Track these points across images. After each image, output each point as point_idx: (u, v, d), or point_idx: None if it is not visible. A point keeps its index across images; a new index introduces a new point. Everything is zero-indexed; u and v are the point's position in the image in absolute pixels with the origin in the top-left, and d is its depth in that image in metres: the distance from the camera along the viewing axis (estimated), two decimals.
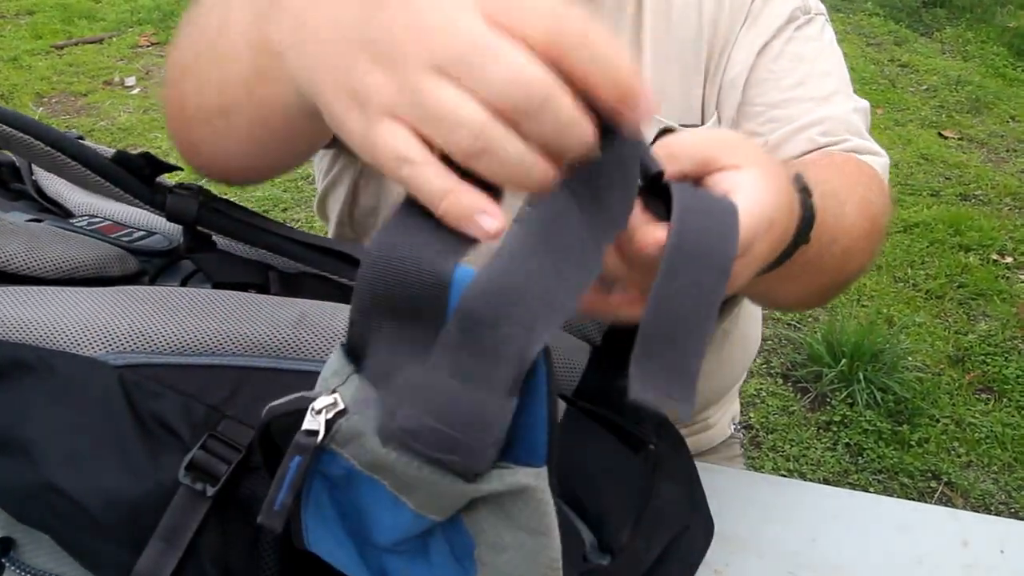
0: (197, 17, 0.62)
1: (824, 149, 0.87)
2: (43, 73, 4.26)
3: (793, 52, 0.92)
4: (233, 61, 0.56)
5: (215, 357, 0.63)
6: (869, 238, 0.75)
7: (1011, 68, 4.64)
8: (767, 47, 0.92)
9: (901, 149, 3.79)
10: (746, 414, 2.39)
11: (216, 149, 0.66)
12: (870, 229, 0.75)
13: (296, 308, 0.66)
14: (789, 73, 0.91)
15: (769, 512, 0.87)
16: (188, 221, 0.72)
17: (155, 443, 0.59)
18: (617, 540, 0.62)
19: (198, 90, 0.62)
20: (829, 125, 0.88)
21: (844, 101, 0.91)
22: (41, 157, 0.71)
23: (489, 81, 0.37)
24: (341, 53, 0.41)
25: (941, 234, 3.17)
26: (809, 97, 0.90)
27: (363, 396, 0.41)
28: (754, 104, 0.92)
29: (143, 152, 0.74)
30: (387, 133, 0.39)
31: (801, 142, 0.88)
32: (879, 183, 0.83)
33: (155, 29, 4.78)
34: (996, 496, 2.16)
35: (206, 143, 0.66)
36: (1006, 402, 2.45)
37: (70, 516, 0.58)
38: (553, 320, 0.38)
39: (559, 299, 0.39)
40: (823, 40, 0.95)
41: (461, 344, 0.38)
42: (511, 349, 0.37)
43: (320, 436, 0.40)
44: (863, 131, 0.90)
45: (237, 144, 0.63)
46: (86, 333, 0.63)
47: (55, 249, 0.71)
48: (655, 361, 0.43)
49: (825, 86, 0.91)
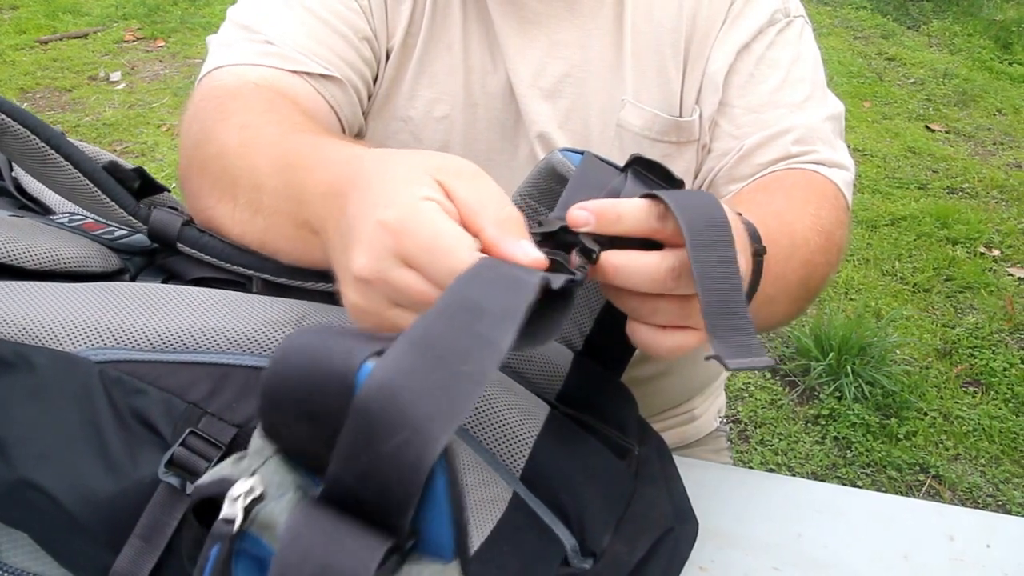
0: (221, 153, 0.72)
1: (789, 161, 0.90)
2: (27, 68, 4.23)
3: (772, 57, 0.94)
4: (276, 224, 0.67)
5: (197, 354, 0.62)
6: (825, 251, 0.80)
7: (998, 61, 4.66)
8: (747, 49, 0.94)
9: (888, 142, 3.80)
10: (734, 408, 2.39)
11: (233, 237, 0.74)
12: (824, 244, 0.80)
13: (295, 310, 0.66)
14: (767, 78, 0.94)
15: (754, 507, 0.87)
16: (169, 239, 0.72)
17: (135, 440, 0.58)
18: (599, 544, 0.62)
19: (240, 223, 0.71)
20: (802, 133, 0.91)
21: (817, 108, 0.94)
22: (33, 153, 0.70)
23: (437, 272, 0.48)
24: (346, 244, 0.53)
25: (928, 227, 3.17)
26: (785, 103, 0.93)
27: (280, 479, 0.40)
28: (732, 105, 0.94)
29: (137, 167, 0.74)
30: (358, 295, 0.52)
31: (775, 149, 0.91)
32: (833, 200, 0.87)
33: (140, 24, 4.75)
34: (983, 489, 2.16)
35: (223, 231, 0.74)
36: (993, 395, 2.45)
37: (47, 514, 0.57)
38: (451, 423, 0.36)
39: (458, 395, 0.37)
40: (801, 44, 0.96)
41: (352, 454, 0.37)
42: (406, 458, 0.36)
43: (237, 524, 0.39)
44: (833, 140, 0.94)
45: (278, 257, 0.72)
46: (66, 328, 0.62)
47: (37, 241, 0.70)
48: (728, 332, 0.51)
49: (800, 92, 0.94)
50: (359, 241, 0.50)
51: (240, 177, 0.69)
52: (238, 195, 0.69)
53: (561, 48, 0.94)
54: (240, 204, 0.69)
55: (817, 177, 0.89)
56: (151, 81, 4.16)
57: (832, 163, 0.91)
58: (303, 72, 0.85)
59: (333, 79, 0.87)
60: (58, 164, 0.70)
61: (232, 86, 0.81)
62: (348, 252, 0.52)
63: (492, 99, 0.96)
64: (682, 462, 0.87)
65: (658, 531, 0.69)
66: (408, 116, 0.96)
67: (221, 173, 0.71)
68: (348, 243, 0.52)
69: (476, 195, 0.51)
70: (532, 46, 0.94)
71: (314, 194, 0.60)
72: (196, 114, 0.79)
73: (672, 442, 1.14)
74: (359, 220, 0.51)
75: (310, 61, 0.85)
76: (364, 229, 0.50)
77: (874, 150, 3.71)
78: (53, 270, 0.69)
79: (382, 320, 0.51)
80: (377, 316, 0.51)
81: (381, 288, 0.50)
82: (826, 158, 0.91)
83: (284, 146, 0.68)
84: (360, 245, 0.50)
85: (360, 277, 0.50)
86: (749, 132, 0.93)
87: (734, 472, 0.96)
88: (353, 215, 0.52)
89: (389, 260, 0.49)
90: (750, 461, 2.22)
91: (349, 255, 0.51)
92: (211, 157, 0.73)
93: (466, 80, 0.95)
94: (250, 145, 0.70)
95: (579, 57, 0.94)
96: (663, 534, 0.69)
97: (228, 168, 0.70)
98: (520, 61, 0.94)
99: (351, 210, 0.53)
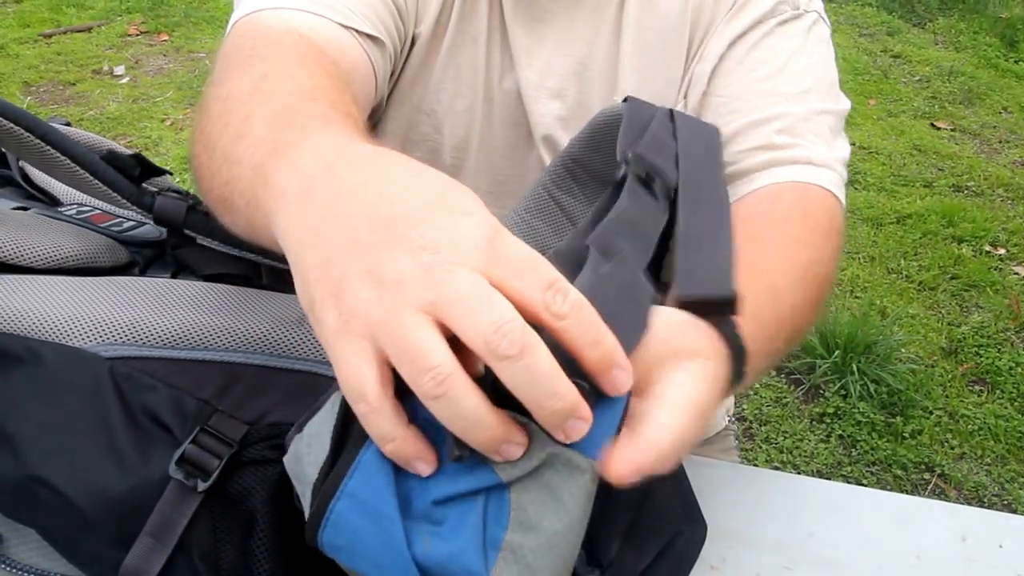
0: (227, 96, 0.64)
1: (773, 154, 0.84)
2: (31, 62, 4.22)
3: (769, 46, 0.89)
4: (240, 175, 0.56)
5: (208, 352, 0.62)
6: (816, 302, 0.74)
7: (1003, 59, 4.65)
8: (741, 38, 0.90)
9: (894, 140, 3.79)
10: (739, 406, 2.38)
11: (222, 220, 0.66)
12: (817, 295, 0.74)
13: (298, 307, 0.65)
14: (761, 66, 0.89)
15: (765, 506, 0.87)
16: (176, 224, 0.71)
17: (145, 437, 0.58)
18: (606, 554, 0.61)
19: (211, 172, 0.62)
20: (789, 122, 0.85)
21: (815, 100, 0.88)
22: (30, 150, 0.69)
23: (475, 324, 0.39)
24: (341, 262, 0.42)
25: (934, 225, 3.17)
26: (777, 92, 0.87)
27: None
28: (717, 95, 0.90)
29: (135, 153, 0.72)
30: (355, 353, 0.41)
31: (756, 136, 0.86)
32: (827, 222, 0.81)
33: (144, 18, 4.74)
34: (989, 488, 2.16)
35: (213, 210, 0.66)
36: (999, 394, 2.45)
37: (57, 511, 0.57)
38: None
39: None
40: (809, 38, 0.91)
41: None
42: None
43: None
44: (827, 134, 0.87)
45: (237, 228, 0.63)
46: (76, 324, 0.62)
47: (44, 239, 0.69)
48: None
49: (798, 83, 0.88)
50: (381, 278, 0.41)
51: (229, 124, 0.63)
52: (220, 142, 0.63)
53: (568, 45, 0.93)
54: (218, 152, 0.63)
55: (811, 197, 0.82)
56: (155, 75, 4.15)
57: (821, 161, 0.84)
58: (354, 29, 0.80)
59: (378, 42, 0.83)
60: (56, 159, 0.69)
61: (275, 31, 0.75)
62: (348, 281, 0.42)
63: (508, 96, 0.95)
64: (690, 461, 0.87)
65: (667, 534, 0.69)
66: (432, 109, 0.95)
67: (218, 116, 0.65)
68: (352, 272, 0.42)
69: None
70: (540, 45, 0.93)
71: (290, 165, 0.51)
72: (228, 53, 0.73)
73: None
74: (379, 251, 0.42)
75: (359, 19, 0.81)
76: (389, 267, 0.41)
77: (879, 148, 3.70)
78: (62, 267, 0.68)
79: (375, 416, 0.42)
80: (368, 405, 0.42)
81: (387, 342, 0.41)
82: (816, 155, 0.84)
83: (292, 105, 0.61)
84: (381, 283, 0.41)
85: (366, 323, 0.41)
86: (731, 120, 0.87)
87: (743, 471, 0.95)
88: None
89: (411, 307, 0.40)
90: (755, 459, 2.22)
91: (352, 286, 0.42)
92: (218, 98, 0.67)
93: (487, 75, 0.94)
94: (259, 94, 0.64)
95: (584, 53, 0.93)
96: (672, 537, 0.69)
97: (225, 112, 0.65)
98: (527, 64, 0.93)
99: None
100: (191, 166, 0.69)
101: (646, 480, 0.44)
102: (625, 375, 0.43)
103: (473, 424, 0.40)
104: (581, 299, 0.41)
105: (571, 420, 0.41)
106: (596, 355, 0.41)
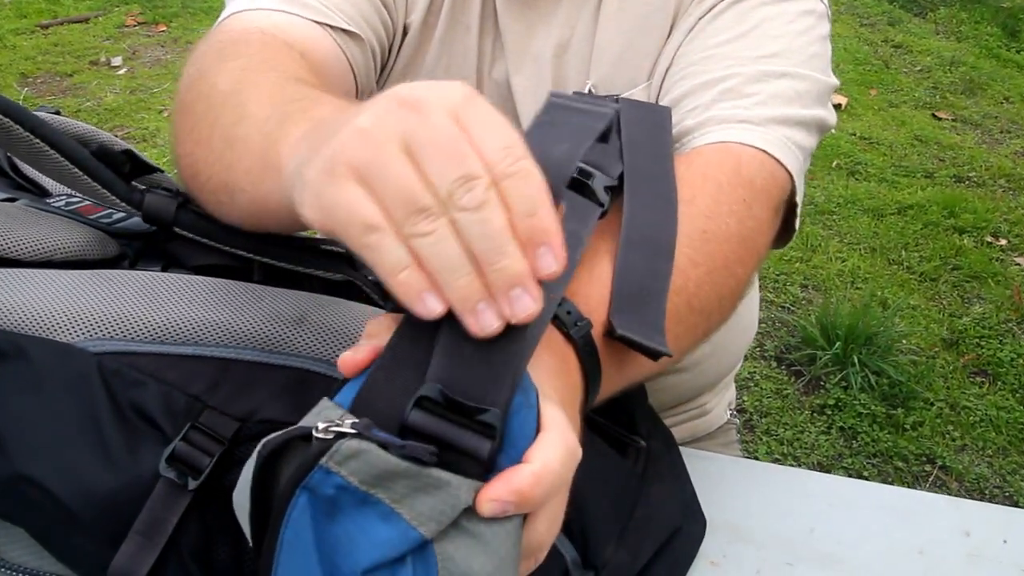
0: (209, 93, 0.66)
1: (709, 113, 0.79)
2: (28, 53, 4.20)
3: (737, 13, 0.84)
4: (245, 152, 0.59)
5: (199, 347, 0.61)
6: (724, 267, 0.70)
7: (1005, 49, 4.63)
8: (710, 12, 0.85)
9: (895, 130, 3.77)
10: (740, 398, 2.37)
11: (220, 213, 0.68)
12: (723, 259, 0.70)
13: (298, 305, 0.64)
14: (721, 32, 0.84)
15: (766, 501, 0.86)
16: (165, 222, 0.70)
17: (134, 433, 0.57)
18: (601, 556, 0.60)
19: (209, 163, 0.64)
20: (735, 83, 0.79)
21: (779, 64, 0.81)
22: (17, 142, 0.68)
23: (443, 171, 0.40)
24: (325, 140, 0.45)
25: (935, 216, 3.15)
26: (733, 56, 0.81)
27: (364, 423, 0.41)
28: (677, 65, 0.86)
29: (125, 149, 0.71)
30: (348, 190, 0.41)
31: (697, 98, 0.80)
32: (744, 183, 0.74)
33: (142, 8, 4.72)
34: (991, 480, 2.15)
35: (210, 206, 0.68)
36: (1000, 385, 2.44)
37: (45, 509, 0.56)
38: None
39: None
40: (790, 9, 0.85)
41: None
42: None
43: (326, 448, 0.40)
44: (788, 95, 0.80)
45: (239, 217, 0.65)
46: (63, 318, 0.61)
47: (32, 231, 0.68)
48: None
49: (762, 48, 0.82)
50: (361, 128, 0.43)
51: (223, 115, 0.64)
52: (215, 132, 0.64)
53: (553, 29, 0.92)
54: (215, 140, 0.64)
55: (729, 158, 0.75)
56: (152, 66, 4.13)
57: (760, 120, 0.77)
58: (327, 24, 0.80)
59: (355, 37, 0.83)
60: (45, 152, 0.68)
61: (240, 31, 0.77)
62: (332, 145, 0.44)
63: (499, 86, 0.94)
64: (691, 454, 0.86)
65: (665, 532, 0.68)
66: None
67: (206, 112, 0.66)
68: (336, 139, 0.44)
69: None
70: (531, 34, 0.92)
71: (298, 127, 0.54)
72: (196, 58, 0.74)
73: (683, 436, 1.12)
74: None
75: (335, 14, 0.81)
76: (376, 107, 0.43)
77: (880, 138, 3.68)
78: (51, 260, 0.67)
79: (386, 239, 0.42)
80: (378, 232, 0.42)
81: (371, 171, 0.42)
82: (756, 115, 0.77)
83: (284, 88, 0.63)
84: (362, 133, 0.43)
85: (350, 161, 0.42)
86: (682, 86, 0.82)
87: (745, 465, 0.94)
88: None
89: (391, 143, 0.42)
90: (755, 451, 2.21)
91: (338, 144, 0.43)
92: (200, 96, 0.68)
93: (478, 65, 0.93)
94: (244, 83, 0.65)
95: (565, 36, 0.91)
96: (670, 535, 0.68)
97: (214, 106, 0.66)
98: (517, 69, 0.92)
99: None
100: (179, 167, 0.69)
101: (636, 486, 0.43)
102: (551, 259, 0.42)
103: (451, 264, 0.41)
104: (532, 168, 0.42)
105: (517, 289, 0.41)
106: (528, 224, 0.41)
